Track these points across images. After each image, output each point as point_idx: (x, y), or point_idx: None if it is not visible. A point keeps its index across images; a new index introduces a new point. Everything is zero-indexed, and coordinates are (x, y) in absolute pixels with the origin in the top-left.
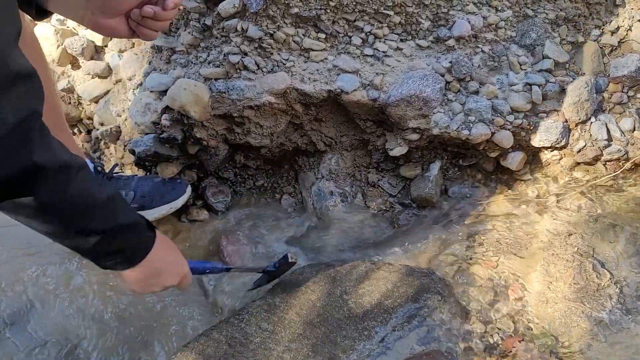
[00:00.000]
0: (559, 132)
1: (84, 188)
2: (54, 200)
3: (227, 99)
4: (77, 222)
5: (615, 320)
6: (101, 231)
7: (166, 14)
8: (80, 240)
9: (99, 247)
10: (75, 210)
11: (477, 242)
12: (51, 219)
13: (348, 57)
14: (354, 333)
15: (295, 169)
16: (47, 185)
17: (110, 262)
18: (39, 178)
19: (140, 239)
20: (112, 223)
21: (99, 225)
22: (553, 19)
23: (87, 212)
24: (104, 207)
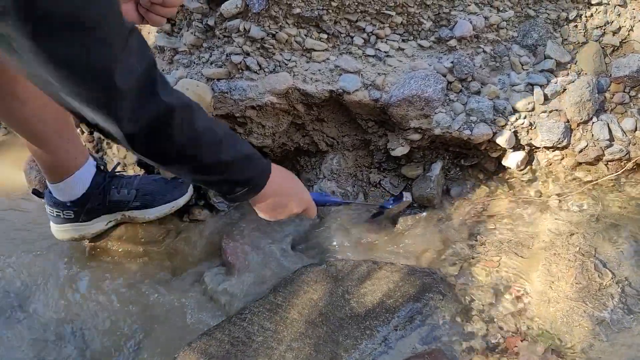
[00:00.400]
0: (561, 132)
1: (207, 123)
2: (187, 136)
3: (229, 99)
4: (208, 156)
5: (617, 319)
6: (228, 162)
7: (174, 1)
8: (212, 174)
9: (229, 178)
10: (205, 144)
11: (479, 241)
12: (187, 156)
13: (350, 58)
14: (356, 332)
15: (297, 169)
16: (180, 123)
17: (239, 192)
18: (172, 117)
19: (260, 169)
20: (235, 154)
21: (226, 156)
22: (555, 19)
23: (214, 145)
24: (227, 140)
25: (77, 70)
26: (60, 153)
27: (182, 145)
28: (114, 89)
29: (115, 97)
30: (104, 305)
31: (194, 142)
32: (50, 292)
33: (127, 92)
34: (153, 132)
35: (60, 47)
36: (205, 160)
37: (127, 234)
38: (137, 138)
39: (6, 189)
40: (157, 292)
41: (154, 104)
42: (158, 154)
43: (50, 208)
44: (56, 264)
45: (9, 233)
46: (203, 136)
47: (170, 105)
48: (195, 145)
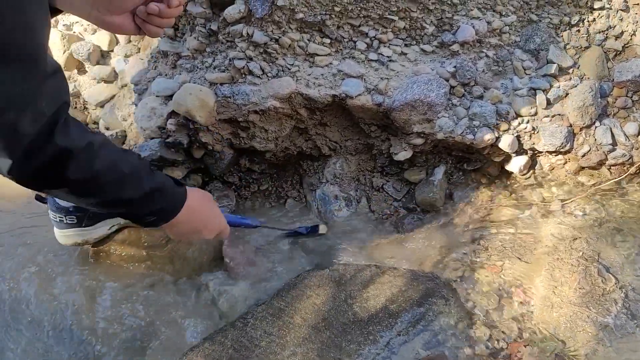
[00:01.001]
0: (564, 137)
1: (109, 162)
2: (85, 177)
3: (232, 104)
4: (109, 194)
5: (620, 325)
6: (133, 199)
7: (171, 12)
8: (117, 208)
9: (135, 211)
10: (105, 184)
11: (482, 246)
12: (86, 194)
13: (353, 62)
14: (359, 337)
15: (299, 173)
16: (76, 165)
17: (148, 221)
18: (68, 160)
19: (170, 199)
20: (141, 190)
21: (130, 194)
22: (557, 23)
23: (116, 184)
24: (130, 177)
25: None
26: None
27: (76, 185)
28: (14, 133)
29: (14, 141)
30: (107, 310)
31: (92, 183)
32: (52, 296)
33: (28, 136)
34: (43, 173)
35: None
36: (106, 198)
37: (130, 238)
38: (25, 176)
39: (10, 193)
40: (160, 296)
41: (49, 148)
42: (49, 189)
43: (53, 213)
44: (59, 268)
45: (12, 238)
46: (103, 176)
47: (66, 148)
48: (93, 186)
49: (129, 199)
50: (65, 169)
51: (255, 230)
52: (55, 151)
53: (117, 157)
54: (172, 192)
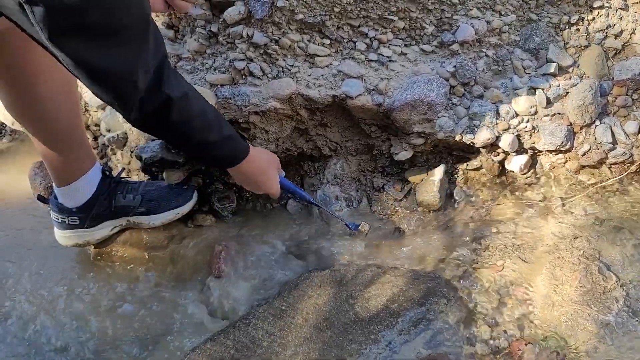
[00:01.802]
0: (564, 136)
1: (200, 109)
2: (183, 120)
3: (233, 105)
4: (199, 135)
5: (621, 322)
6: (215, 141)
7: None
8: (202, 149)
9: (215, 153)
10: (197, 126)
11: (483, 245)
12: (183, 134)
13: (353, 63)
14: (360, 337)
15: (300, 174)
16: (177, 110)
17: (221, 163)
18: (170, 107)
19: (238, 148)
20: (221, 134)
21: (213, 136)
22: (557, 22)
23: (205, 127)
24: (215, 121)
25: (104, 76)
26: (70, 155)
27: (176, 127)
28: (136, 89)
29: (135, 95)
30: (108, 311)
31: (188, 125)
32: (54, 297)
33: (141, 86)
34: (153, 118)
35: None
36: (194, 139)
37: (131, 239)
38: (138, 122)
39: (11, 194)
40: (161, 297)
41: (159, 98)
42: (154, 131)
43: (55, 214)
44: (61, 269)
45: (13, 238)
46: (195, 120)
47: (170, 97)
48: (188, 128)
49: (213, 141)
50: (169, 113)
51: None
52: (162, 99)
53: (205, 105)
54: (241, 143)
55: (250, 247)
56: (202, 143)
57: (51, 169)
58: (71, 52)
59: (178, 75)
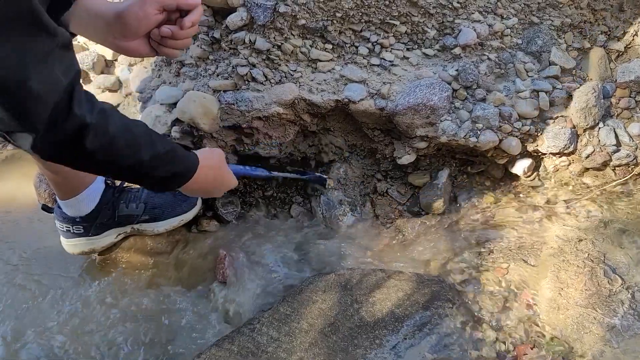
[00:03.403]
0: (567, 138)
1: (121, 125)
2: (102, 144)
3: (236, 111)
4: (128, 157)
5: (627, 325)
6: (150, 159)
7: (184, 33)
8: (140, 173)
9: (153, 174)
10: (122, 147)
11: (487, 249)
12: (106, 161)
13: (355, 67)
14: (365, 342)
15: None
16: (94, 133)
17: (166, 185)
18: (86, 129)
19: (184, 162)
20: (156, 151)
21: (147, 154)
22: (559, 25)
23: (132, 146)
24: (144, 138)
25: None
26: (69, 172)
27: (96, 154)
28: (36, 103)
29: (37, 112)
30: (113, 318)
31: (110, 148)
32: (59, 304)
33: (45, 98)
34: (66, 147)
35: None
36: (126, 162)
37: (136, 245)
38: (49, 150)
39: (16, 202)
40: (166, 303)
41: (69, 121)
42: (72, 162)
43: (60, 223)
44: (66, 276)
45: (18, 246)
46: (119, 139)
47: (84, 120)
48: (111, 151)
49: (146, 160)
50: (84, 138)
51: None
52: (74, 122)
53: (127, 121)
54: (185, 155)
55: (255, 252)
56: (135, 166)
57: (53, 185)
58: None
59: (90, 94)
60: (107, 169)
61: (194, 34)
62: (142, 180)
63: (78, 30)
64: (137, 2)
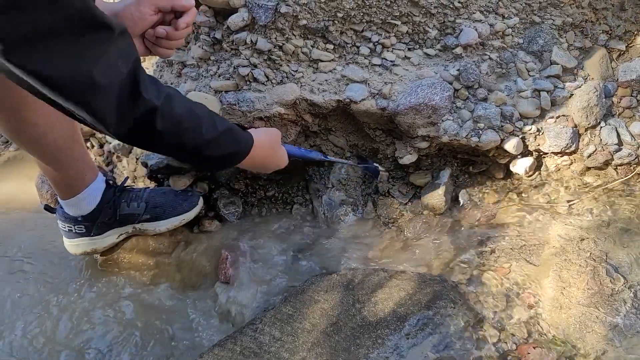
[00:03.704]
0: (569, 138)
1: (186, 108)
2: (172, 124)
3: (237, 111)
4: (194, 137)
5: (630, 324)
6: (212, 140)
7: (178, 34)
8: (201, 154)
9: (215, 153)
10: (188, 128)
11: (489, 248)
12: (175, 141)
13: (356, 67)
14: (367, 341)
15: (305, 179)
16: (161, 116)
17: (225, 163)
18: (155, 114)
19: (241, 140)
20: (217, 131)
21: (209, 134)
22: (560, 25)
23: (197, 126)
24: (206, 119)
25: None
26: (70, 171)
27: (165, 135)
28: (104, 95)
29: (106, 103)
30: (116, 318)
31: (177, 129)
32: (61, 305)
33: (109, 89)
34: (139, 129)
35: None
36: (189, 144)
37: (138, 246)
38: (123, 135)
39: (19, 202)
40: (168, 303)
41: (138, 106)
42: (145, 144)
43: (62, 223)
44: (68, 276)
45: (21, 247)
46: (185, 121)
47: (152, 103)
48: (179, 132)
49: (209, 140)
50: (154, 120)
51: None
52: (144, 107)
53: (190, 104)
54: (241, 134)
55: (257, 252)
56: (199, 146)
57: (53, 184)
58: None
59: (154, 79)
60: (176, 149)
61: (188, 34)
62: (203, 159)
63: None
64: (133, 3)
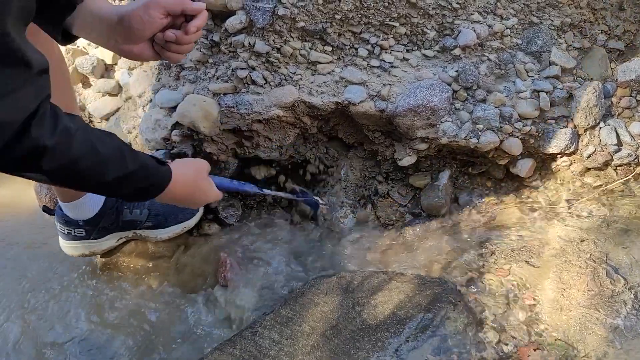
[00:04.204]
0: (568, 138)
1: (87, 146)
2: (62, 165)
3: (236, 114)
4: (91, 178)
5: (630, 326)
6: (117, 178)
7: (188, 38)
8: (103, 191)
9: (121, 192)
10: (86, 168)
11: (489, 250)
12: (66, 180)
13: (355, 69)
14: (367, 344)
15: (305, 181)
16: (50, 156)
17: (136, 198)
18: (42, 152)
19: (156, 177)
20: (125, 170)
21: (114, 174)
22: (559, 25)
23: (98, 167)
24: (113, 158)
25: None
26: None
27: (53, 173)
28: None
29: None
30: (115, 322)
31: (71, 169)
32: (60, 308)
33: (6, 125)
34: (22, 165)
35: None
36: (89, 182)
37: (137, 249)
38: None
39: (17, 206)
40: (167, 307)
41: (25, 142)
42: (33, 178)
43: (61, 225)
44: (67, 279)
45: (19, 250)
46: (81, 161)
47: (40, 142)
48: (72, 172)
49: (113, 178)
50: (40, 159)
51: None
52: (29, 143)
53: (95, 140)
54: (157, 170)
55: (256, 255)
56: (102, 184)
57: (54, 187)
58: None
59: (60, 113)
60: (72, 186)
61: (198, 38)
62: (111, 194)
63: (82, 33)
64: (142, 7)
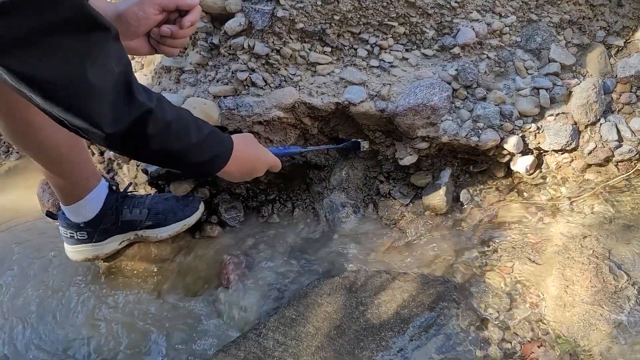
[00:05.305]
0: (569, 135)
1: (175, 112)
2: (162, 129)
3: (236, 116)
4: (181, 141)
5: (634, 321)
6: (197, 144)
7: (183, 32)
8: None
9: (202, 157)
10: (176, 131)
11: (491, 248)
12: (163, 146)
13: (354, 69)
14: (371, 344)
15: (306, 182)
16: (153, 120)
17: (205, 170)
18: (149, 117)
19: (223, 143)
20: (202, 134)
21: (194, 138)
22: (557, 22)
23: (184, 130)
24: (193, 123)
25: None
26: (73, 176)
27: (155, 139)
28: (99, 97)
29: (100, 104)
30: (119, 325)
31: (167, 133)
32: (64, 312)
33: (103, 91)
34: (131, 133)
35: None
36: (179, 146)
37: (140, 252)
38: (115, 139)
39: (20, 211)
40: (171, 310)
41: (134, 108)
42: (133, 150)
43: (64, 229)
44: (70, 283)
45: (23, 255)
46: (174, 125)
47: (147, 106)
48: (168, 136)
49: (195, 143)
50: (146, 124)
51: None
52: (139, 108)
53: (178, 108)
54: (224, 136)
55: (259, 256)
56: (184, 151)
57: (56, 190)
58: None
59: (141, 84)
60: (162, 153)
61: (192, 33)
62: (185, 164)
63: None
64: (137, 3)
